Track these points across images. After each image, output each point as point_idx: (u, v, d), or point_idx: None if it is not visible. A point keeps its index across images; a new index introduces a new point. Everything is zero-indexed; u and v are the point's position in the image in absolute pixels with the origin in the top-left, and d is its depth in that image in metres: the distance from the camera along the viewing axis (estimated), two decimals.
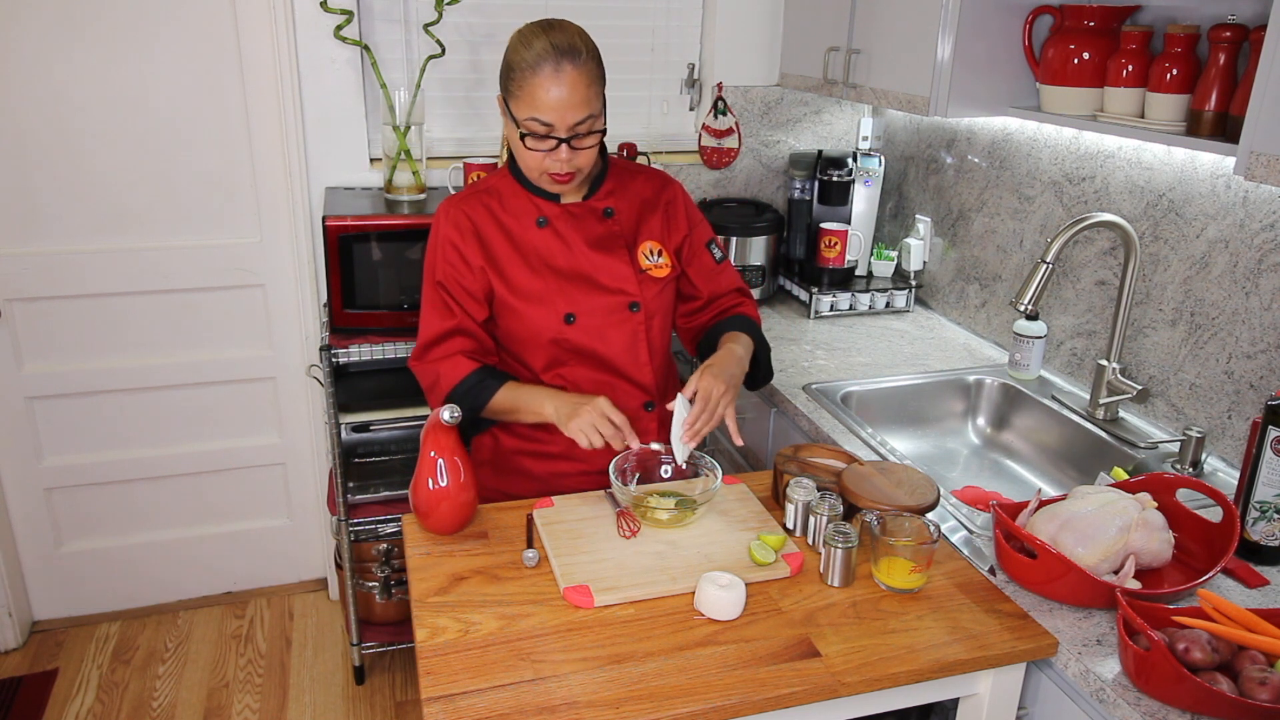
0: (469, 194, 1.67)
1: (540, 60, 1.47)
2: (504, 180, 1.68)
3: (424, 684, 1.19)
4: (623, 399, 1.68)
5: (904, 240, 2.65)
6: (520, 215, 1.65)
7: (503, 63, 1.55)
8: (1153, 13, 1.84)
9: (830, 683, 1.20)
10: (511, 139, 1.57)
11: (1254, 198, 1.69)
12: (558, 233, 1.65)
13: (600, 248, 1.65)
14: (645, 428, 1.71)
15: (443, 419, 1.45)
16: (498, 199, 1.66)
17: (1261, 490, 1.45)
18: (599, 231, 1.66)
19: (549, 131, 1.50)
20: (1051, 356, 2.20)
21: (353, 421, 2.35)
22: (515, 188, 1.66)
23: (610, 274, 1.65)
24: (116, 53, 2.34)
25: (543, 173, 1.57)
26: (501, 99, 1.57)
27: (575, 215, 1.66)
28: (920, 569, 1.37)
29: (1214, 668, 1.16)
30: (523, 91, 1.49)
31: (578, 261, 1.64)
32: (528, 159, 1.55)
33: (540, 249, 1.64)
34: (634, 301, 1.66)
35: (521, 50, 1.49)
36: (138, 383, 2.62)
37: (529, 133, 1.51)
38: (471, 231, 1.63)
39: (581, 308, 1.63)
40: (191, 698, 2.50)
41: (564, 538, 1.48)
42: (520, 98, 1.50)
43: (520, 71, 1.49)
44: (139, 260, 2.52)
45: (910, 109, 2.11)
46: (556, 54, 1.47)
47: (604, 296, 1.64)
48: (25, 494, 2.63)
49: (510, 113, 1.54)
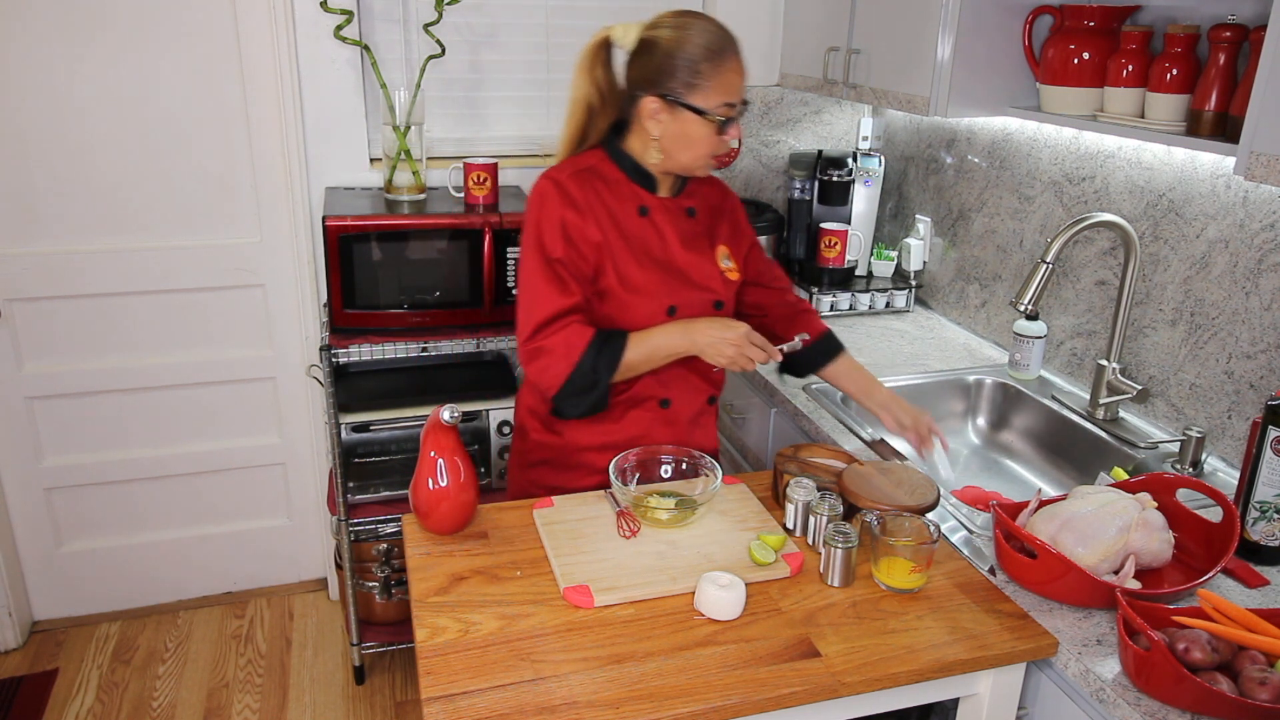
0: (574, 171, 1.62)
1: (725, 47, 1.54)
2: (604, 163, 1.65)
3: (424, 684, 1.19)
4: (693, 393, 1.73)
5: (904, 240, 2.65)
6: (624, 201, 1.64)
7: (664, 60, 1.53)
8: (1153, 13, 1.84)
9: (830, 683, 1.20)
10: (685, 132, 1.56)
11: (1254, 198, 1.69)
12: (655, 224, 1.66)
13: (689, 245, 1.68)
14: (706, 422, 1.78)
15: (443, 419, 1.45)
16: (602, 181, 1.64)
17: (1261, 490, 1.45)
18: (687, 229, 1.69)
19: (734, 112, 1.56)
20: (1051, 356, 2.20)
21: (353, 421, 2.35)
22: (617, 173, 1.65)
23: (699, 271, 1.68)
24: (117, 53, 2.34)
25: (714, 153, 1.60)
26: (659, 98, 1.55)
27: (668, 210, 1.68)
28: (920, 569, 1.37)
29: (1214, 668, 1.16)
30: (714, 80, 1.53)
31: (672, 255, 1.66)
32: (701, 147, 1.58)
33: (642, 238, 1.64)
34: (719, 300, 1.70)
35: (697, 41, 1.53)
36: (138, 383, 2.62)
37: (725, 119, 1.55)
38: (589, 208, 1.60)
39: (681, 301, 1.65)
40: (191, 698, 2.50)
41: (564, 538, 1.48)
42: (709, 87, 1.53)
43: (705, 62, 1.53)
44: (139, 260, 2.52)
45: (910, 109, 2.11)
46: (730, 40, 1.55)
47: (697, 293, 1.67)
48: (25, 494, 2.63)
49: (689, 106, 1.54)
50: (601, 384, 1.58)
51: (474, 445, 2.41)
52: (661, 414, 1.71)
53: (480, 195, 2.36)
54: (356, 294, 2.25)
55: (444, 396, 2.42)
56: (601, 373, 1.57)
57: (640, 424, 1.70)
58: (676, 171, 1.64)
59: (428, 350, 2.28)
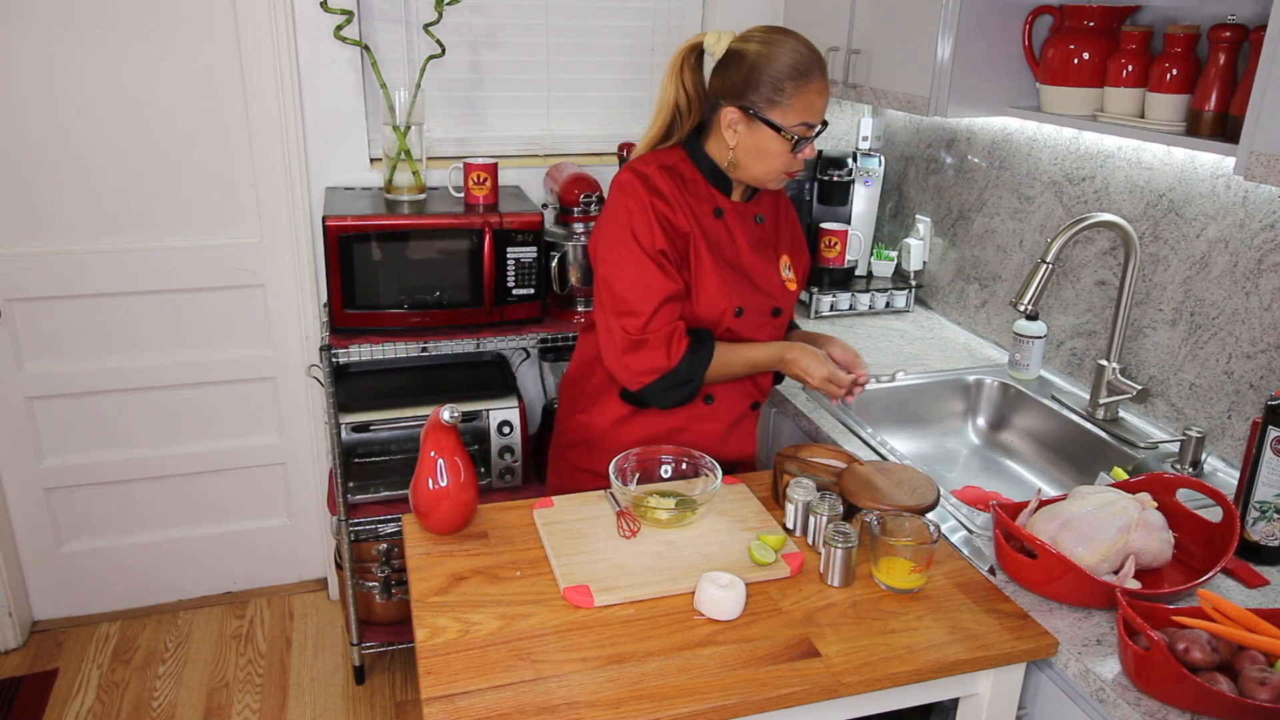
0: (656, 166, 1.65)
1: (811, 68, 1.56)
2: (684, 162, 1.68)
3: (424, 684, 1.19)
4: (741, 396, 1.76)
5: (904, 240, 2.65)
6: (701, 200, 1.67)
7: (749, 73, 1.56)
8: (1153, 13, 1.84)
9: (830, 683, 1.21)
10: (761, 146, 1.59)
11: (1254, 198, 1.69)
12: (728, 227, 1.69)
13: (757, 251, 1.71)
14: (747, 427, 1.81)
15: (443, 419, 1.45)
16: (681, 179, 1.66)
17: (1261, 490, 1.45)
18: (756, 235, 1.72)
19: (812, 132, 1.58)
20: (1051, 356, 2.20)
21: (353, 421, 2.35)
22: (695, 173, 1.68)
23: (764, 277, 1.72)
24: (117, 53, 2.34)
25: (786, 170, 1.62)
26: (739, 110, 1.58)
27: (740, 214, 1.71)
28: (920, 569, 1.37)
29: (1214, 668, 1.16)
30: (796, 99, 1.55)
31: (741, 258, 1.69)
32: (774, 162, 1.60)
33: (717, 238, 1.67)
34: (778, 307, 1.74)
35: (784, 60, 1.54)
36: (138, 383, 2.62)
37: (802, 137, 1.57)
38: (677, 199, 1.63)
39: (748, 303, 1.69)
40: (191, 698, 2.50)
41: (564, 538, 1.48)
42: (792, 105, 1.55)
43: (790, 80, 1.54)
44: (139, 260, 2.52)
45: (910, 109, 2.11)
46: (818, 61, 1.57)
47: (761, 297, 1.71)
48: (25, 494, 2.63)
49: (767, 122, 1.56)
50: (696, 381, 1.64)
51: (474, 445, 2.41)
52: (704, 409, 1.74)
53: (480, 195, 2.36)
54: (356, 294, 2.25)
55: (444, 396, 2.42)
56: (698, 371, 1.63)
57: (681, 417, 1.73)
58: (747, 182, 1.67)
59: (428, 350, 2.28)
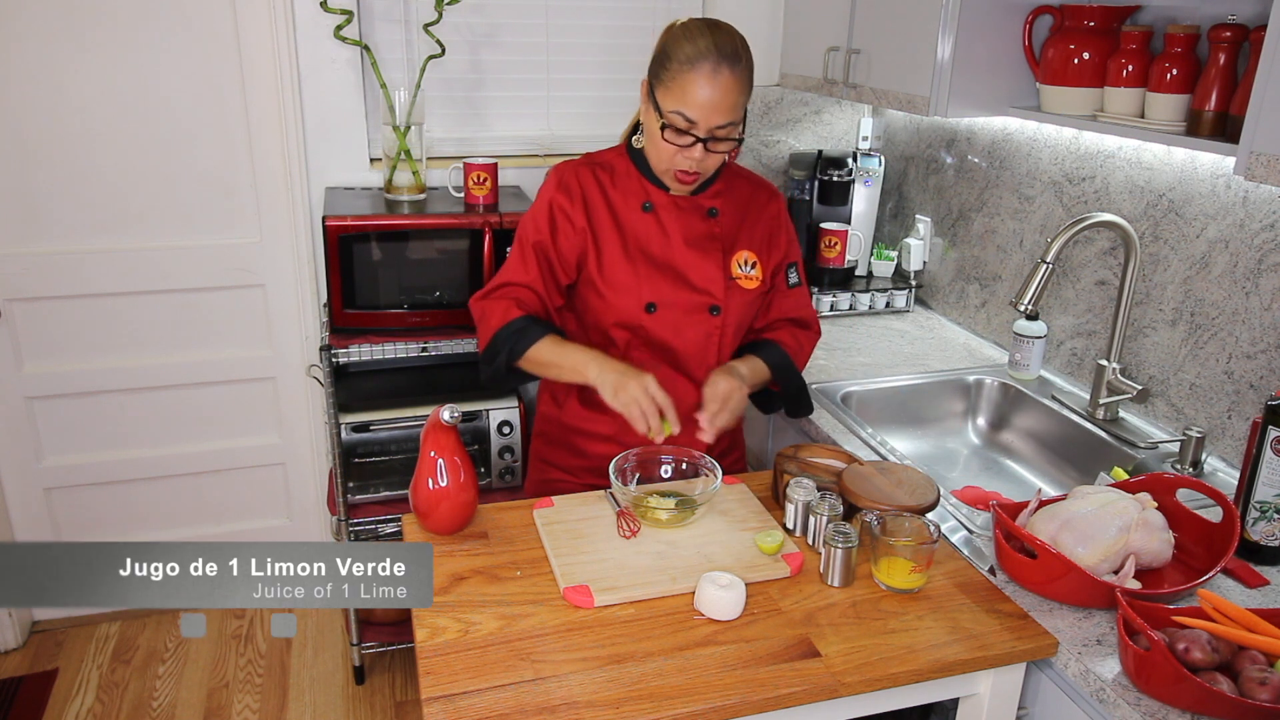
0: (583, 162, 1.68)
1: (700, 57, 1.48)
2: (620, 158, 1.69)
3: (424, 684, 1.19)
4: (682, 396, 1.69)
5: (904, 240, 2.65)
6: (628, 195, 1.66)
7: (657, 50, 1.55)
8: (1153, 13, 1.84)
9: (830, 683, 1.20)
10: (648, 126, 1.59)
11: (1254, 198, 1.69)
12: (660, 221, 1.66)
13: (696, 245, 1.67)
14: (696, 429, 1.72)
15: (443, 419, 1.45)
16: (610, 174, 1.67)
17: (1261, 490, 1.45)
18: (700, 229, 1.68)
19: (690, 129, 1.52)
20: (1051, 356, 2.20)
21: (353, 421, 2.35)
22: (629, 167, 1.67)
23: (700, 273, 1.66)
24: (117, 53, 2.34)
25: (671, 168, 1.58)
26: (647, 84, 1.58)
27: (680, 208, 1.67)
28: (920, 569, 1.37)
29: (1214, 668, 1.16)
30: (675, 84, 1.50)
31: (672, 254, 1.65)
32: (661, 151, 1.57)
33: (639, 233, 1.65)
34: (716, 305, 1.67)
35: (684, 43, 1.50)
36: (138, 383, 2.62)
37: (670, 125, 1.53)
38: (580, 197, 1.63)
39: (664, 299, 1.64)
40: (191, 698, 2.50)
41: (564, 538, 1.48)
42: (671, 89, 1.51)
43: (677, 64, 1.50)
44: (139, 260, 2.52)
45: (910, 109, 2.11)
46: (718, 55, 1.48)
47: (688, 293, 1.66)
48: (25, 494, 2.63)
49: (655, 101, 1.55)
50: (499, 362, 1.60)
51: (474, 445, 2.41)
52: None
53: (480, 195, 2.36)
54: (356, 294, 2.25)
55: (444, 396, 2.41)
56: (501, 352, 1.60)
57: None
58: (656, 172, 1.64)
59: (428, 350, 2.28)
